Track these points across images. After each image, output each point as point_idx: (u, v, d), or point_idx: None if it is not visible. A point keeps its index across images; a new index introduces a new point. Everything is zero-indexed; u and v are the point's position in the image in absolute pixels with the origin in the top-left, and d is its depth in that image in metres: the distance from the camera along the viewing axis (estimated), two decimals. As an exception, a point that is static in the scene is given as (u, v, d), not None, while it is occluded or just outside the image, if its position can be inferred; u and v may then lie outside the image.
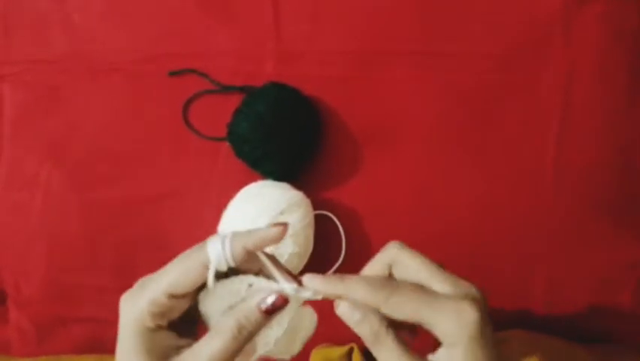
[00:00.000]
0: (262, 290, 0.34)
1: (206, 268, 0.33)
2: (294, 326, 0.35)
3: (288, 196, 0.57)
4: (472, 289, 0.34)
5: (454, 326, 0.32)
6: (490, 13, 0.64)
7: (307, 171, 0.63)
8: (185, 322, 0.36)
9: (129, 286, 0.65)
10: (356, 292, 0.34)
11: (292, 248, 0.55)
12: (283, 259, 0.55)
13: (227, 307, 0.34)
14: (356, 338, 0.59)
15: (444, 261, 0.36)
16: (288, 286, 0.34)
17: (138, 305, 0.33)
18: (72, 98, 0.66)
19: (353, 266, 0.62)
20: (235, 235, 0.34)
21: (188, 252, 0.35)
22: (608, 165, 0.63)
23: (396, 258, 0.35)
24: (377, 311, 0.34)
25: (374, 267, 0.36)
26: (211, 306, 0.35)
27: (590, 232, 0.62)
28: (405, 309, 0.33)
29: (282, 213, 0.56)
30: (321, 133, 0.63)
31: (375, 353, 0.34)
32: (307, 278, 0.34)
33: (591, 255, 0.62)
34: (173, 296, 0.33)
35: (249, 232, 0.34)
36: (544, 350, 0.56)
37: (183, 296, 0.34)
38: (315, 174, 0.64)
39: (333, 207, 0.63)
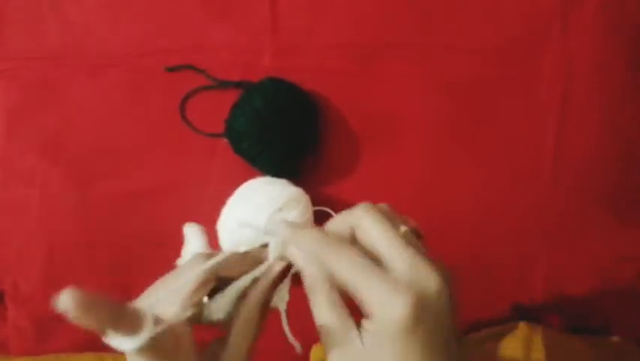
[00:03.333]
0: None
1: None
2: None
3: (288, 192, 0.57)
4: (427, 279, 0.29)
5: (378, 315, 0.29)
6: (488, 6, 0.63)
7: (306, 167, 0.63)
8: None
9: (127, 282, 0.65)
10: (305, 242, 0.34)
11: (292, 244, 0.55)
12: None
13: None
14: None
15: (443, 253, 0.34)
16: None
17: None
18: (68, 94, 0.65)
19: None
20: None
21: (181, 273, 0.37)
22: (607, 158, 0.63)
23: (358, 222, 0.33)
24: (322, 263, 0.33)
25: (336, 225, 0.35)
26: (217, 311, 0.37)
27: (589, 225, 0.62)
28: (343, 274, 0.31)
29: (281, 209, 0.55)
30: (320, 128, 0.63)
31: (311, 304, 0.33)
32: (277, 227, 0.36)
33: (590, 248, 0.62)
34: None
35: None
36: (546, 343, 0.56)
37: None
38: (314, 169, 0.63)
39: (333, 203, 0.63)
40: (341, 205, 0.62)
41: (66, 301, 0.26)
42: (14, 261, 0.65)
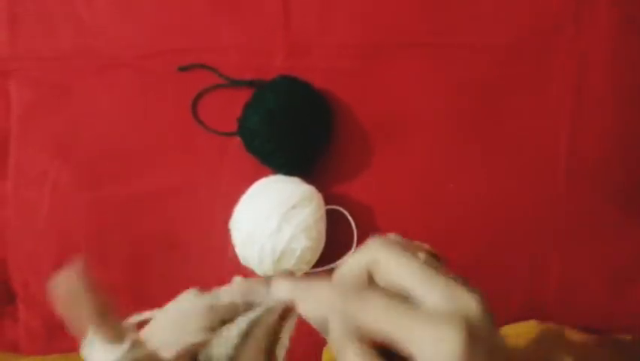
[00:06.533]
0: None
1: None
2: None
3: (300, 191, 0.57)
4: (468, 303, 0.27)
5: (429, 355, 0.26)
6: (499, 5, 0.63)
7: (318, 165, 0.63)
8: None
9: (139, 282, 0.65)
10: (319, 301, 0.29)
11: (305, 242, 0.55)
12: (296, 253, 0.55)
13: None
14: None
15: (456, 254, 0.33)
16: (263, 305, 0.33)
17: None
18: (80, 95, 0.66)
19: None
20: None
21: None
22: (620, 157, 0.62)
23: (375, 259, 0.29)
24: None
25: (350, 270, 0.31)
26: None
27: (603, 224, 0.62)
28: (374, 324, 0.28)
29: (293, 207, 0.55)
30: (332, 126, 0.63)
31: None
32: (276, 283, 0.32)
33: (604, 247, 0.62)
34: None
35: None
36: (558, 341, 0.55)
37: None
38: (325, 167, 0.63)
39: (345, 202, 0.63)
40: (352, 203, 0.63)
41: (62, 283, 0.25)
42: (25, 262, 0.65)
